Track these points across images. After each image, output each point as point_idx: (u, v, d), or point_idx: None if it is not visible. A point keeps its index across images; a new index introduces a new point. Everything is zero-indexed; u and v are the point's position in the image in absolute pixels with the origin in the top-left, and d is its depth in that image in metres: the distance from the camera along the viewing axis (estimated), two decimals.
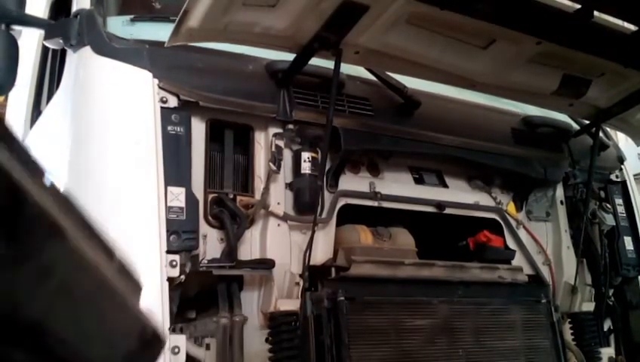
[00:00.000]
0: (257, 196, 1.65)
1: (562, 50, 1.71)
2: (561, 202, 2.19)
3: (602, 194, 2.30)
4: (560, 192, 2.20)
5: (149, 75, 1.54)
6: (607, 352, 2.04)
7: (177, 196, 1.48)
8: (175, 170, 1.51)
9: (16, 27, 1.73)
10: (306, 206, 1.68)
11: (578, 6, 1.52)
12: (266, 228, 1.64)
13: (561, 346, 1.91)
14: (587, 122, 2.21)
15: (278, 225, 1.65)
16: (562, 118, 2.27)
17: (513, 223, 2.05)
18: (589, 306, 2.08)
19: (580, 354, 1.98)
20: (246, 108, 1.66)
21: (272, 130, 1.69)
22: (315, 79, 1.74)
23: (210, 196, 1.59)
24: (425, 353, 1.68)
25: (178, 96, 1.57)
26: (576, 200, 2.17)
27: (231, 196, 1.62)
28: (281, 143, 1.69)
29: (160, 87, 1.54)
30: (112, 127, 1.54)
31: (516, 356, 1.83)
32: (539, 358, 1.86)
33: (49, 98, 1.98)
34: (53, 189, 0.36)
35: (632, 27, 1.61)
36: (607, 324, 2.17)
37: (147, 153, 1.49)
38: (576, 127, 2.29)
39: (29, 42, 2.14)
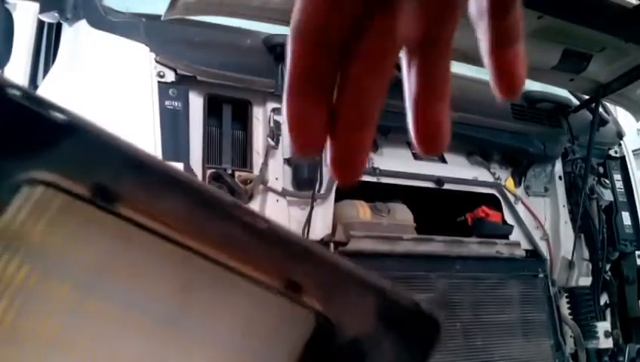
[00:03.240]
0: (256, 171, 1.65)
1: (563, 25, 1.69)
2: (560, 177, 2.20)
3: (601, 169, 2.30)
4: (559, 168, 2.20)
5: (146, 48, 1.53)
6: (603, 326, 2.06)
7: None
8: (173, 145, 1.51)
9: (10, 0, 1.71)
10: (304, 181, 1.68)
11: None
12: (265, 204, 1.64)
13: (557, 320, 1.93)
14: (587, 97, 2.20)
15: (277, 200, 1.66)
16: (562, 93, 2.26)
17: (511, 198, 2.05)
18: (585, 281, 2.10)
19: (576, 327, 2.00)
20: (244, 83, 1.65)
21: (271, 105, 1.68)
22: None
23: (209, 171, 1.59)
24: None
25: (175, 71, 1.56)
26: (574, 175, 2.18)
27: (229, 171, 1.62)
28: (279, 118, 1.68)
29: (157, 61, 1.53)
30: (109, 101, 1.53)
31: (513, 330, 1.85)
32: (535, 332, 1.88)
33: (45, 73, 1.97)
34: None
35: (634, 1, 1.59)
36: (603, 299, 2.19)
37: (145, 128, 1.48)
38: (576, 102, 2.28)
39: (25, 16, 2.12)
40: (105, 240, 0.25)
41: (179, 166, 1.49)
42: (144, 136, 1.48)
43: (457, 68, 2.06)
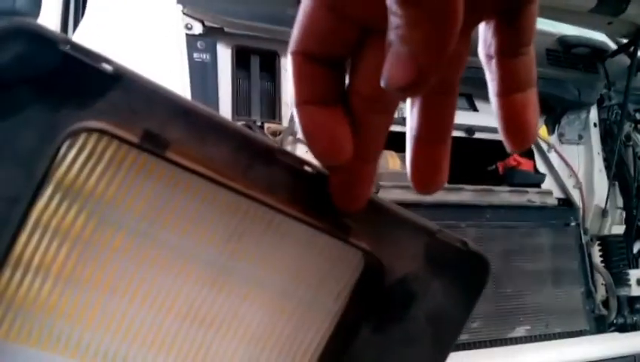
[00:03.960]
0: (285, 123, 1.65)
1: None
2: (595, 124, 2.15)
3: (638, 116, 2.24)
4: (594, 114, 2.15)
5: (173, 0, 1.52)
6: (636, 274, 2.04)
7: None
8: (202, 97, 1.51)
9: None
10: None
11: None
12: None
13: (589, 268, 1.93)
14: (625, 41, 2.13)
15: (306, 151, 1.65)
16: (599, 37, 2.19)
17: (544, 146, 2.02)
18: (619, 229, 2.08)
19: (608, 275, 2.00)
20: (271, 34, 1.63)
21: None
22: None
23: (238, 123, 1.59)
24: None
25: (203, 23, 1.54)
26: (610, 122, 2.13)
27: (259, 123, 1.62)
28: None
29: (184, 13, 1.52)
30: (138, 54, 1.54)
31: (544, 277, 1.85)
32: (566, 280, 1.88)
33: (75, 27, 1.98)
34: None
35: None
36: (636, 247, 2.17)
37: (174, 81, 1.48)
38: (613, 46, 2.20)
39: None
40: (156, 188, 0.26)
41: None
42: (174, 89, 1.48)
43: None
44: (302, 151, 1.65)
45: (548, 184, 2.01)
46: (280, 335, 0.29)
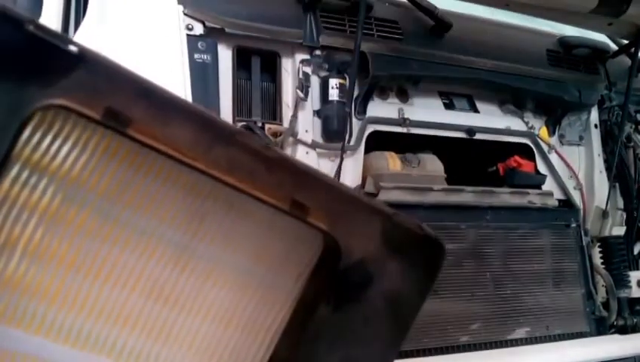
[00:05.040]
0: (285, 124, 1.65)
1: None
2: (596, 126, 2.14)
3: (638, 117, 2.24)
4: (595, 116, 2.15)
5: (174, 1, 1.53)
6: (636, 276, 2.04)
7: None
8: (203, 98, 1.52)
9: None
10: (334, 133, 1.67)
11: None
12: (295, 156, 1.65)
13: (589, 269, 1.92)
14: (626, 42, 2.13)
15: (307, 152, 1.66)
16: (600, 38, 2.19)
17: (545, 148, 2.02)
18: (619, 230, 2.07)
19: (608, 277, 1.99)
20: (272, 34, 1.64)
21: (299, 57, 1.67)
22: (342, 2, 1.70)
23: (239, 124, 1.60)
24: (451, 276, 1.71)
25: (204, 23, 1.56)
26: (611, 123, 2.13)
27: (259, 124, 1.63)
28: (308, 70, 1.68)
29: (185, 14, 1.54)
30: (139, 55, 1.55)
31: (544, 279, 1.85)
32: (567, 281, 1.88)
33: (76, 27, 1.99)
34: None
35: None
36: (637, 248, 2.16)
37: (175, 82, 1.49)
38: (614, 47, 2.20)
39: None
40: (119, 168, 0.27)
41: None
42: (175, 90, 1.49)
43: (491, 14, 2.00)
44: (302, 153, 1.66)
45: (548, 185, 2.01)
46: (242, 313, 0.29)
